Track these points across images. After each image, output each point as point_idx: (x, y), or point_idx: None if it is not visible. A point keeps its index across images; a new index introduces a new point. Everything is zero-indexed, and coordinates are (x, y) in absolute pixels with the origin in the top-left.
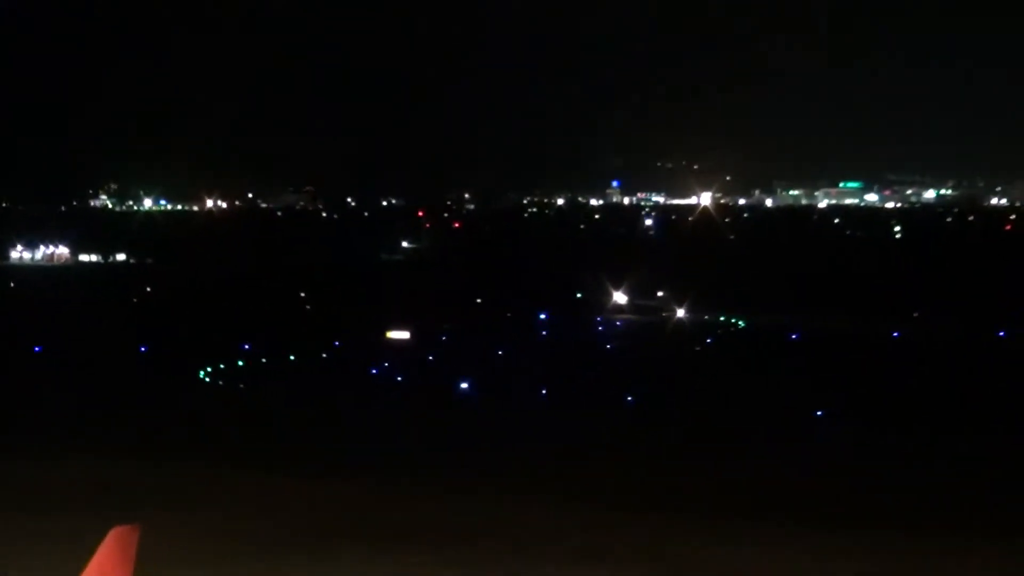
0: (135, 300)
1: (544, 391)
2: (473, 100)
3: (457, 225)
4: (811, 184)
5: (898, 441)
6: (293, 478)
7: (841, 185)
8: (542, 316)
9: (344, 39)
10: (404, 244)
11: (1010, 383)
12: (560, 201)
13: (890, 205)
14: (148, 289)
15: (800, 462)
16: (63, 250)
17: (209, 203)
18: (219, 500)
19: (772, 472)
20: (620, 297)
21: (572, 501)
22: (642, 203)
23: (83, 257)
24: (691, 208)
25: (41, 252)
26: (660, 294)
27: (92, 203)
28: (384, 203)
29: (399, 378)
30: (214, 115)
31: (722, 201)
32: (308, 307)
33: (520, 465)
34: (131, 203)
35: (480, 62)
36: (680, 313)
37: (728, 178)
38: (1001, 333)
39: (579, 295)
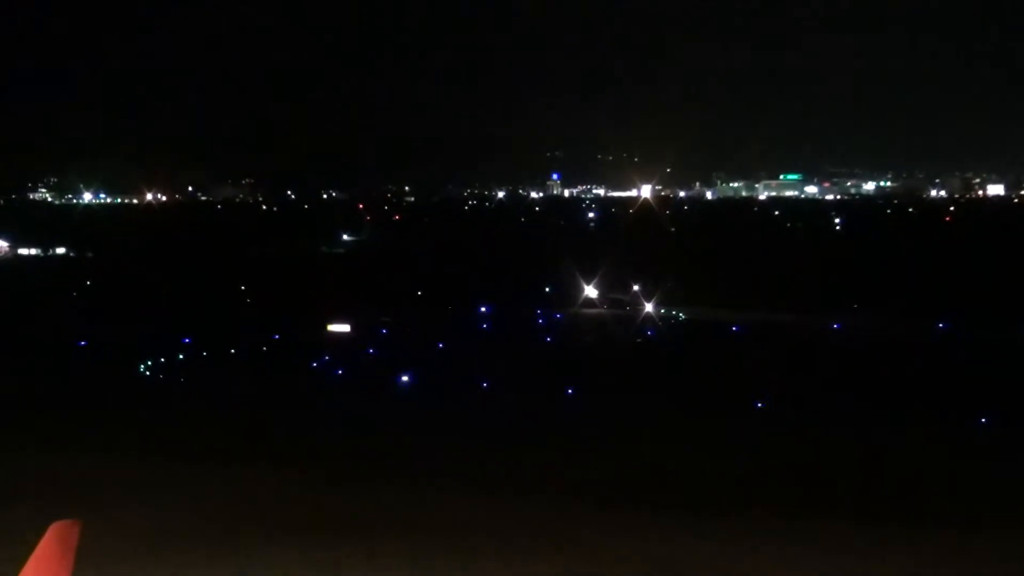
0: (75, 294)
1: (485, 384)
2: (413, 93)
3: (398, 218)
4: (751, 176)
5: (839, 431)
6: (231, 470)
7: (781, 177)
8: (482, 309)
9: (284, 35)
10: (345, 237)
11: (949, 374)
12: (500, 194)
13: (830, 197)
14: (88, 283)
15: (749, 452)
16: (2, 243)
17: (149, 196)
18: (158, 493)
19: (722, 462)
20: (591, 291)
21: (520, 496)
22: (582, 196)
23: (22, 250)
24: (632, 200)
25: None
26: (636, 288)
27: (31, 196)
28: (324, 196)
29: (339, 371)
30: (154, 108)
31: (663, 193)
32: (248, 300)
33: (455, 457)
34: (71, 196)
35: (418, 55)
36: (649, 307)
37: (668, 170)
38: (941, 325)
39: (546, 288)
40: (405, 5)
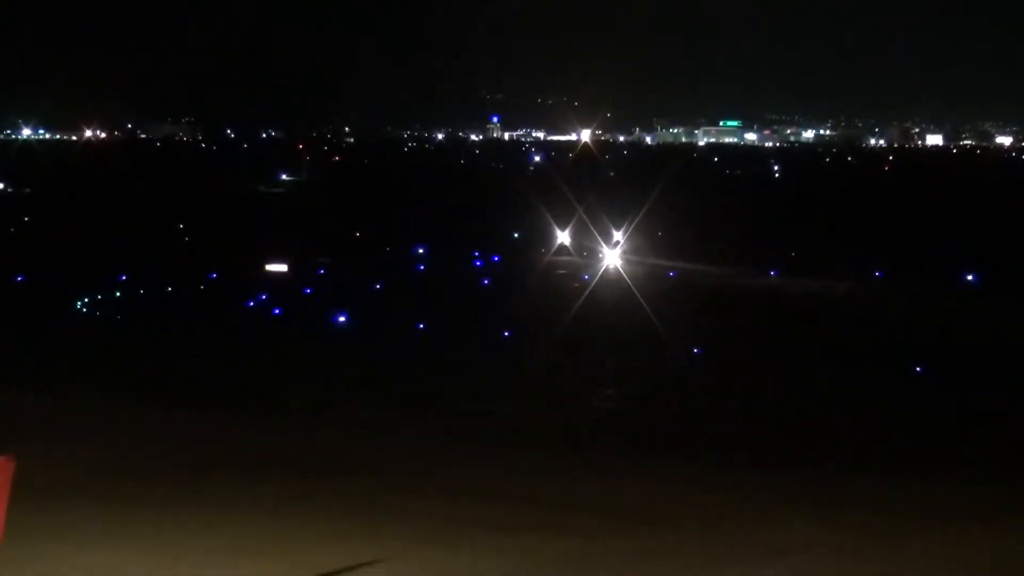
0: (12, 230)
1: (421, 325)
2: (351, 33)
3: (338, 159)
4: (691, 122)
5: (767, 381)
6: (168, 410)
7: (721, 124)
8: (420, 251)
9: None
10: (284, 177)
11: (882, 322)
12: (440, 136)
13: (769, 144)
14: (26, 219)
15: (684, 397)
16: None
17: (88, 133)
18: (94, 431)
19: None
20: (565, 238)
21: (428, 435)
22: (522, 139)
23: None
24: (572, 144)
25: None
26: (617, 238)
27: None
28: (264, 135)
29: (276, 311)
30: (94, 44)
31: (602, 138)
32: (186, 239)
33: (390, 397)
34: (9, 132)
35: None
36: (612, 257)
37: (608, 115)
38: (878, 273)
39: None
40: None
